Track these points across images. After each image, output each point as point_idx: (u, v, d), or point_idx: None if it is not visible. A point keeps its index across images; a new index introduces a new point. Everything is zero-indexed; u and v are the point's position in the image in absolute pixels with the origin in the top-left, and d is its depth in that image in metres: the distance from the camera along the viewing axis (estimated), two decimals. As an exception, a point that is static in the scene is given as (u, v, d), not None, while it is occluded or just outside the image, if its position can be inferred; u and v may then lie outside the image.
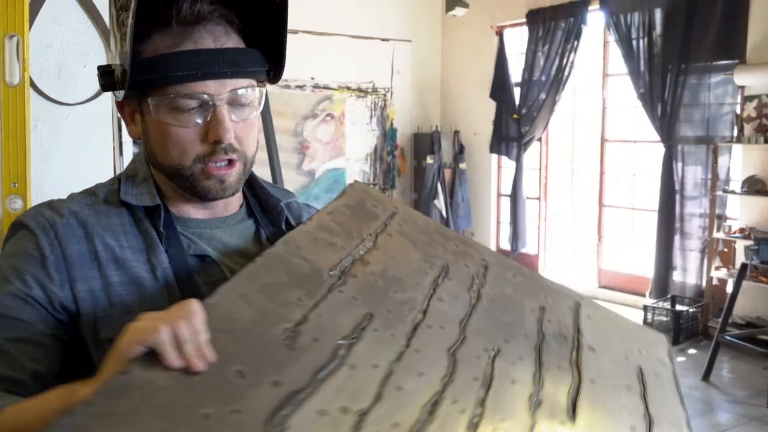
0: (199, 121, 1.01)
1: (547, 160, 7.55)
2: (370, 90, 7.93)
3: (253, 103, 1.06)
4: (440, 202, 7.66)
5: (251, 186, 1.20)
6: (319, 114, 7.58)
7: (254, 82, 1.06)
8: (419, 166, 8.02)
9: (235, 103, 1.03)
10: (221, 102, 1.01)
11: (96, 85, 2.03)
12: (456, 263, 1.16)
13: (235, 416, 0.74)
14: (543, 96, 7.05)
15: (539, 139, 7.37)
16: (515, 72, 7.40)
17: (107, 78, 1.03)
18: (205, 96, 1.00)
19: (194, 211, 1.12)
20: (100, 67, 1.05)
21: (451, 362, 0.96)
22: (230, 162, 1.05)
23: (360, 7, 7.63)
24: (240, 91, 1.03)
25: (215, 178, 1.05)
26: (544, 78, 7.02)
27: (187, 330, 0.77)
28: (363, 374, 0.86)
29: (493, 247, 7.94)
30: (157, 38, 0.99)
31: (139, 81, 0.99)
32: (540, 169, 7.54)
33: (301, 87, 7.35)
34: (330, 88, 7.61)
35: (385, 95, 8.03)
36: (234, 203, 1.16)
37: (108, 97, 2.02)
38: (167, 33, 0.99)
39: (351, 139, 7.84)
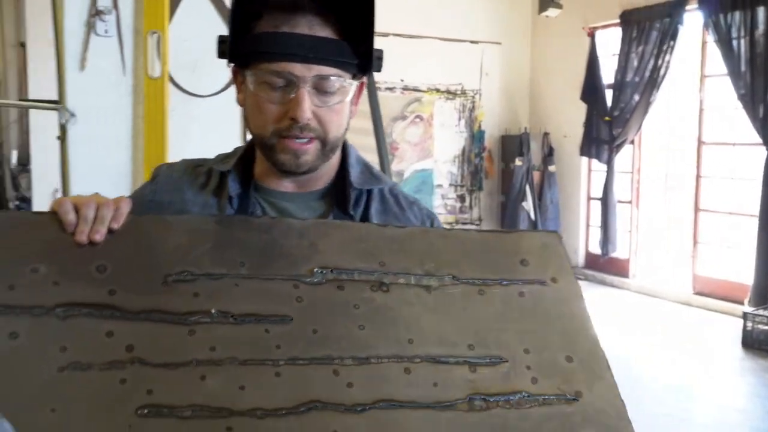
0: (284, 98, 1.11)
1: (640, 162, 7.40)
2: (458, 92, 7.99)
3: (340, 91, 1.13)
4: (528, 205, 7.63)
5: (342, 165, 1.26)
6: (408, 116, 7.68)
7: (342, 72, 1.14)
8: (507, 169, 8.01)
9: (320, 88, 1.11)
10: (305, 84, 1.09)
11: (225, 79, 2.18)
12: None
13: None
14: (636, 98, 6.93)
15: (632, 142, 7.24)
16: (607, 73, 7.30)
17: (222, 47, 1.15)
18: (291, 76, 1.09)
19: (279, 184, 1.22)
20: (219, 37, 1.17)
21: None
22: (309, 140, 1.14)
23: (450, 10, 7.70)
24: (325, 78, 1.11)
25: (291, 152, 1.14)
26: (637, 79, 6.90)
27: (91, 211, 1.00)
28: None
29: (582, 251, 7.85)
30: (266, 18, 1.11)
31: (241, 53, 1.12)
32: (632, 172, 7.41)
33: (391, 89, 7.47)
34: (419, 90, 7.71)
35: (473, 97, 8.07)
36: (319, 181, 1.24)
37: (234, 89, 2.16)
38: (273, 15, 1.11)
39: (439, 140, 7.91)
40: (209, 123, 2.18)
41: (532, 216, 7.64)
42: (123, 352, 0.92)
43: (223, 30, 1.16)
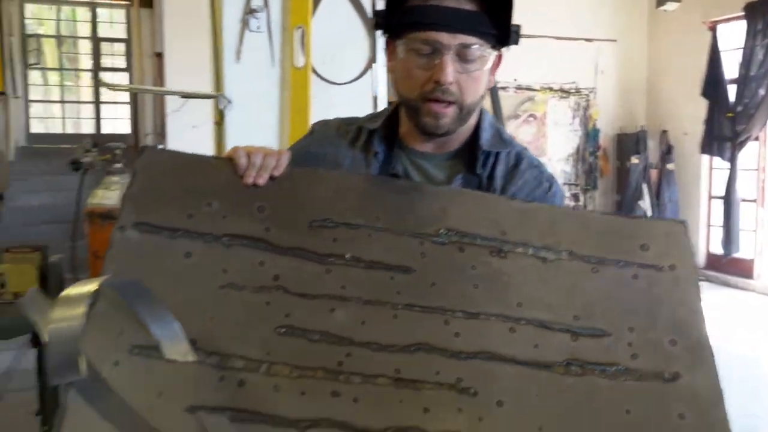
0: (429, 64, 1.25)
1: (766, 160, 7.11)
2: (572, 90, 7.95)
3: (479, 59, 1.26)
4: (645, 203, 7.49)
5: (475, 128, 1.38)
6: (521, 115, 7.73)
7: (482, 42, 1.26)
8: (622, 167, 7.89)
9: (462, 56, 1.24)
10: (449, 51, 1.23)
11: (360, 67, 2.38)
12: None
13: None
14: (762, 92, 6.67)
15: (756, 138, 6.98)
16: (729, 68, 7.07)
17: (377, 20, 1.32)
18: (438, 44, 1.23)
19: (419, 144, 1.36)
20: (374, 12, 1.35)
21: None
22: (448, 103, 1.27)
23: (564, 8, 7.69)
24: (467, 46, 1.24)
25: (432, 115, 1.27)
26: (763, 72, 6.65)
27: (259, 158, 1.17)
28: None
29: (703, 251, 7.62)
30: None
31: (394, 25, 1.28)
32: (757, 170, 7.13)
33: (503, 88, 7.54)
34: (532, 89, 7.74)
35: (588, 96, 8.01)
36: (454, 143, 1.36)
37: (367, 77, 2.37)
38: None
39: (552, 139, 7.91)
40: (346, 108, 2.39)
41: (650, 214, 7.49)
42: (270, 279, 1.09)
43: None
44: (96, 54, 9.94)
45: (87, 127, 9.78)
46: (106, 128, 9.92)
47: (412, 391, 1.03)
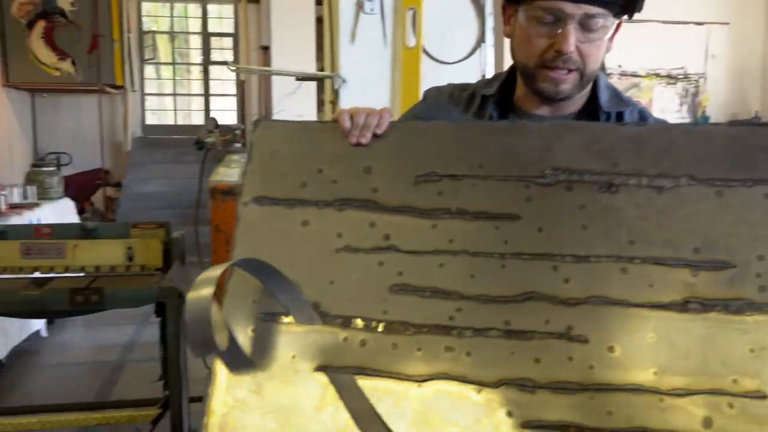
0: (551, 33, 1.26)
1: None
2: (680, 76, 7.68)
3: (602, 28, 1.26)
4: (758, 193, 7.16)
5: (592, 90, 1.38)
6: (626, 102, 7.53)
7: (606, 12, 1.25)
8: (734, 155, 7.56)
9: (585, 25, 1.25)
10: (572, 21, 1.23)
11: (469, 47, 2.43)
12: None
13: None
14: None
15: None
16: None
17: None
18: (561, 13, 1.23)
19: (536, 108, 1.37)
20: None
21: None
22: (569, 71, 1.28)
23: (673, -9, 7.43)
24: (591, 16, 1.24)
25: (551, 82, 1.29)
26: None
27: (362, 118, 1.21)
28: None
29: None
30: None
31: None
32: None
33: (608, 74, 7.37)
34: (638, 76, 7.53)
35: (697, 81, 7.71)
36: (572, 105, 1.37)
37: (476, 57, 2.41)
38: None
39: (658, 127, 7.67)
40: (454, 87, 2.46)
41: (763, 205, 7.15)
42: (382, 239, 1.13)
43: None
44: (206, 48, 10.39)
45: (197, 119, 10.25)
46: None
47: (523, 342, 1.05)
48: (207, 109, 10.38)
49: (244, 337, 1.09)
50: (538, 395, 1.02)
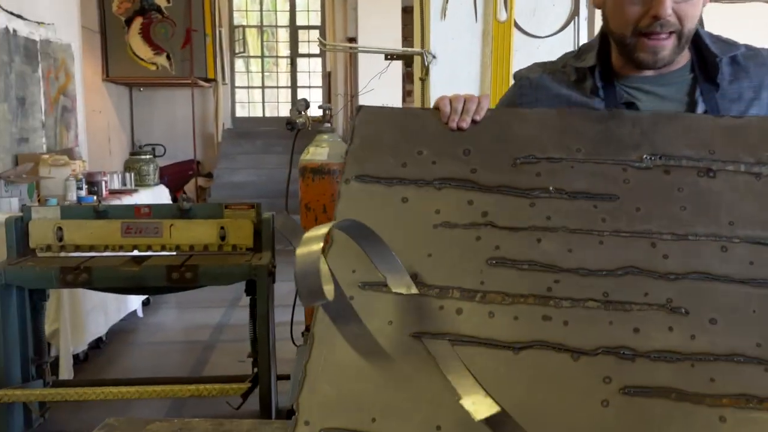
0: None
1: None
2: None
3: None
4: None
5: (696, 42, 1.33)
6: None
7: None
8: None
9: None
10: None
11: (562, 20, 2.38)
12: None
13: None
14: None
15: None
16: None
17: None
18: None
19: (638, 71, 1.33)
20: None
21: None
22: (669, 34, 1.24)
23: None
24: None
25: (649, 50, 1.26)
26: None
27: (461, 104, 1.24)
28: None
29: None
30: None
31: None
32: None
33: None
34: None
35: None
36: (678, 61, 1.32)
37: (569, 30, 2.36)
38: None
39: (759, 115, 7.29)
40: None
41: None
42: (479, 216, 1.16)
43: None
44: (293, 41, 10.60)
45: (284, 111, 10.46)
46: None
47: (622, 313, 1.05)
48: (294, 102, 10.59)
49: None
50: (638, 363, 1.02)
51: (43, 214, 3.24)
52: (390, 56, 2.68)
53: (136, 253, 3.28)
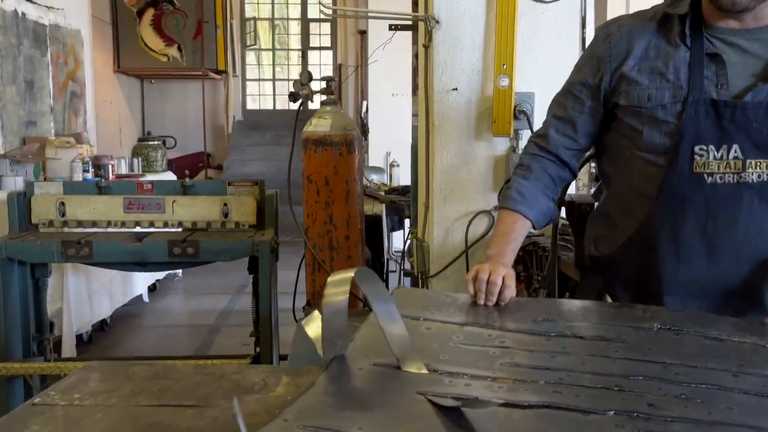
0: None
1: None
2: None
3: None
4: None
5: None
6: None
7: None
8: None
9: None
10: None
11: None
12: None
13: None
14: None
15: None
16: None
17: None
18: None
19: (725, 22, 1.36)
20: None
21: None
22: None
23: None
24: None
25: None
26: None
27: (484, 285, 1.37)
28: None
29: None
30: None
31: None
32: None
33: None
34: None
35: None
36: (764, 19, 1.34)
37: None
38: None
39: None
40: (552, 27, 2.35)
41: None
42: (498, 343, 1.22)
43: None
44: (304, 34, 10.58)
45: (294, 104, 10.43)
46: (312, 104, 10.54)
47: (635, 394, 1.02)
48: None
49: (354, 370, 1.14)
50: (652, 421, 0.96)
51: (46, 190, 3.22)
52: (395, 27, 2.64)
53: (138, 229, 3.26)
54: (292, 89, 2.78)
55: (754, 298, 1.40)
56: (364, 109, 7.78)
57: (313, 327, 1.20)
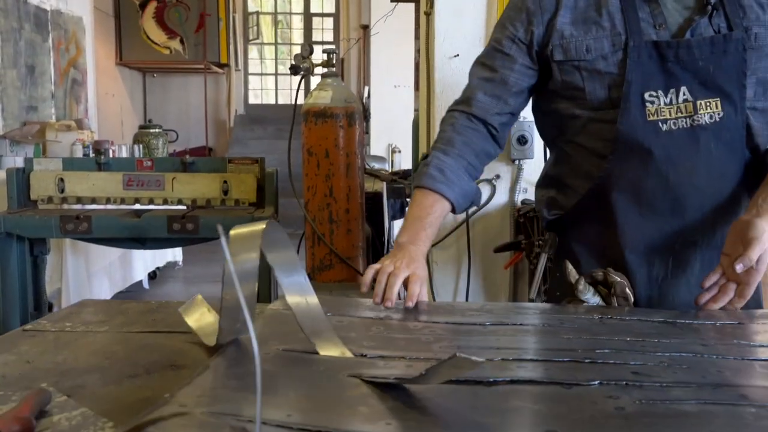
0: None
1: None
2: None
3: None
4: None
5: None
6: None
7: None
8: None
9: None
10: None
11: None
12: None
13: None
14: None
15: None
16: None
17: None
18: None
19: None
20: None
21: None
22: None
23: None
24: None
25: None
26: None
27: (384, 278, 1.19)
28: None
29: None
30: None
31: None
32: None
33: None
34: None
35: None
36: None
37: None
38: None
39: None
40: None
41: None
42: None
43: None
44: (307, 28, 10.57)
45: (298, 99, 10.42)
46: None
47: (613, 365, 0.89)
48: (307, 89, 10.56)
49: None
50: (646, 388, 0.83)
51: (45, 166, 3.20)
52: (395, -3, 2.62)
53: (137, 206, 3.24)
54: (291, 63, 2.75)
55: (719, 248, 1.25)
56: (365, 95, 7.77)
57: (195, 315, 1.04)
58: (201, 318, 1.03)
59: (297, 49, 2.79)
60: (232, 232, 0.86)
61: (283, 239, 0.92)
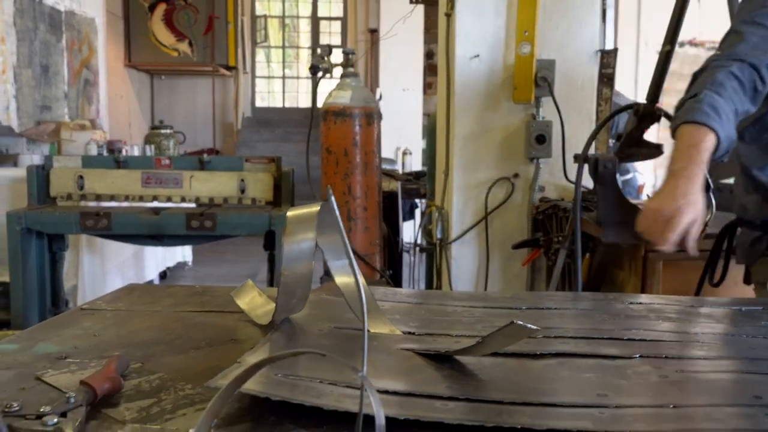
0: None
1: None
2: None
3: None
4: None
5: None
6: None
7: None
8: None
9: None
10: None
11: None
12: None
13: None
14: None
15: None
16: None
17: None
18: None
19: None
20: None
21: None
22: None
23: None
24: None
25: None
26: None
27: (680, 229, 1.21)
28: None
29: None
30: None
31: None
32: None
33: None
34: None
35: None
36: None
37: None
38: None
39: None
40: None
41: None
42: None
43: None
44: (315, 32, 10.62)
45: (304, 102, 10.48)
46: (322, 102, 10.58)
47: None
48: (314, 92, 10.61)
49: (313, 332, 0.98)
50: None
51: (65, 163, 3.25)
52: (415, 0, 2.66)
53: (155, 204, 3.29)
54: (311, 63, 2.80)
55: None
56: (377, 96, 7.83)
57: (245, 299, 1.08)
58: (252, 301, 1.08)
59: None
60: (289, 213, 0.91)
61: (333, 222, 0.89)
